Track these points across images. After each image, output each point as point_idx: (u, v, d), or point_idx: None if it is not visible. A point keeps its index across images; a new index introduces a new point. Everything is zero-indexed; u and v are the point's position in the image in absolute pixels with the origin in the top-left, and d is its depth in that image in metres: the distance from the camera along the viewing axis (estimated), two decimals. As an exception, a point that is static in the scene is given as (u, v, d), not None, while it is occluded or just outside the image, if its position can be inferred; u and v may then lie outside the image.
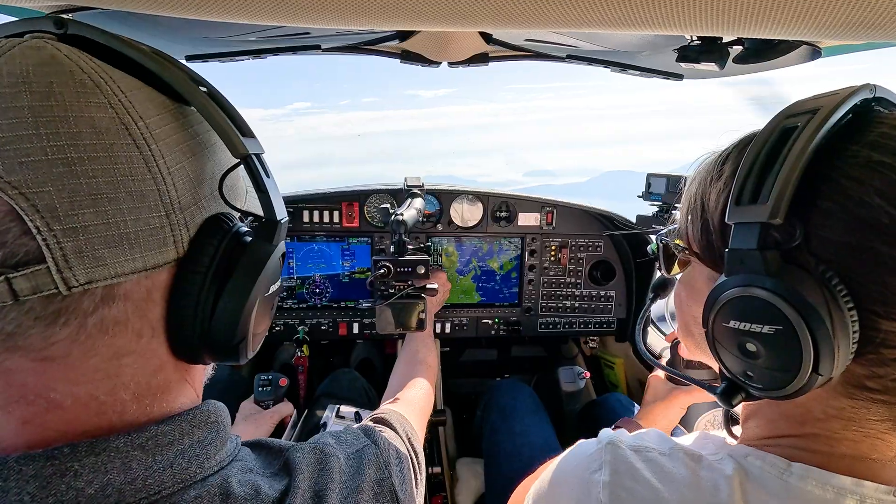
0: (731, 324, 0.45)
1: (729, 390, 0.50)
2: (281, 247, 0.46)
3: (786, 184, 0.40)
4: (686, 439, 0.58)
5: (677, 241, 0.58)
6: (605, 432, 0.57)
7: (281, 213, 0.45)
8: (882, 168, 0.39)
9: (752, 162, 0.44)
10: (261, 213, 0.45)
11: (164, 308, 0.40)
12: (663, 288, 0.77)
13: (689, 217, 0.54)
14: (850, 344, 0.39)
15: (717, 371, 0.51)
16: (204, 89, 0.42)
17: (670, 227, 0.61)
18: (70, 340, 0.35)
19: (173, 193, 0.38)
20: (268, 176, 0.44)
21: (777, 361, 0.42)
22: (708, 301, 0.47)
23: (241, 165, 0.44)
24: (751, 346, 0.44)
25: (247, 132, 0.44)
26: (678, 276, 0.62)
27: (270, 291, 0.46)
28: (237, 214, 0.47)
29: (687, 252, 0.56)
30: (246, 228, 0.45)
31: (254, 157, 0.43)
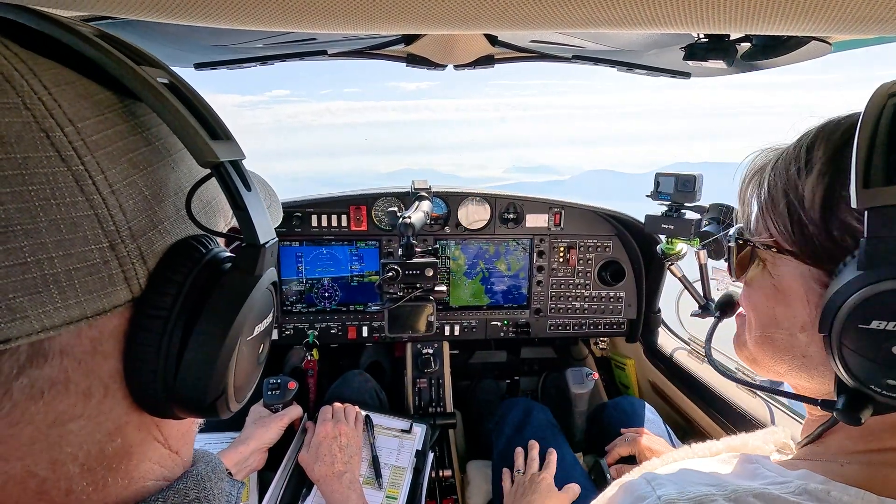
0: (874, 325, 0.39)
1: (854, 404, 0.43)
2: (268, 276, 0.38)
3: None
4: (729, 471, 0.52)
5: (759, 241, 0.52)
6: (641, 488, 0.51)
7: (266, 234, 0.37)
8: None
9: (871, 139, 0.39)
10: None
11: (120, 360, 0.32)
12: (730, 306, 0.69)
13: (771, 215, 0.50)
14: None
15: (834, 383, 0.45)
16: (164, 80, 0.33)
17: (738, 227, 0.56)
18: None
19: (119, 218, 0.30)
20: (248, 188, 0.36)
21: None
22: (833, 301, 0.42)
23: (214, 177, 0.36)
24: None
25: (219, 133, 0.35)
26: (745, 282, 0.57)
27: (256, 333, 0.38)
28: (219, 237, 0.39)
29: (774, 250, 0.50)
30: (227, 254, 0.38)
31: (228, 165, 0.34)
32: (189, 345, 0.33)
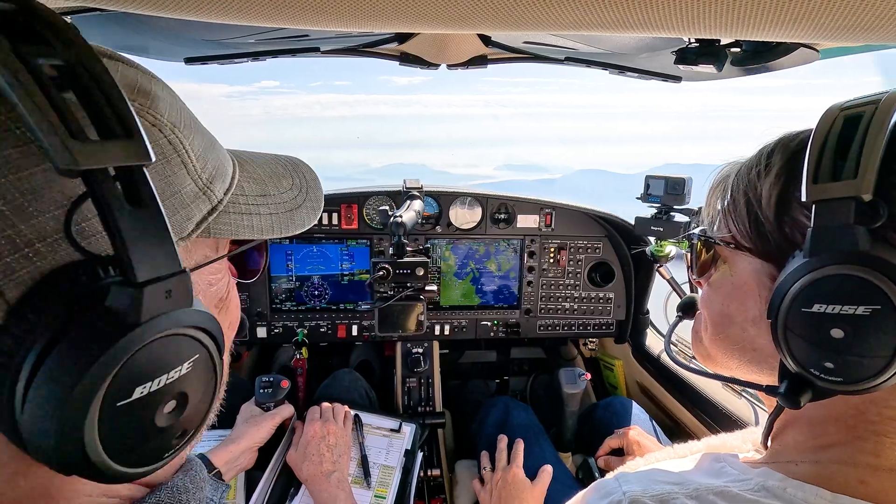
0: (815, 308, 0.42)
1: (795, 388, 0.45)
2: (170, 322, 0.30)
3: (874, 159, 0.39)
4: (696, 470, 0.55)
5: (719, 237, 0.56)
6: (610, 485, 0.53)
7: (155, 268, 0.29)
8: None
9: (822, 144, 0.43)
10: (268, 236, 0.36)
11: None
12: (692, 308, 0.72)
13: (732, 215, 0.54)
14: None
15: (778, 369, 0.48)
16: (55, 62, 0.27)
17: (701, 228, 0.59)
18: None
19: None
20: (137, 203, 0.28)
21: (867, 347, 0.40)
22: (780, 287, 0.45)
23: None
24: (836, 332, 0.41)
25: (116, 131, 0.28)
26: (708, 280, 0.59)
27: (139, 395, 0.29)
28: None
29: (733, 247, 0.54)
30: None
31: (102, 173, 0.27)
32: (28, 399, 0.27)
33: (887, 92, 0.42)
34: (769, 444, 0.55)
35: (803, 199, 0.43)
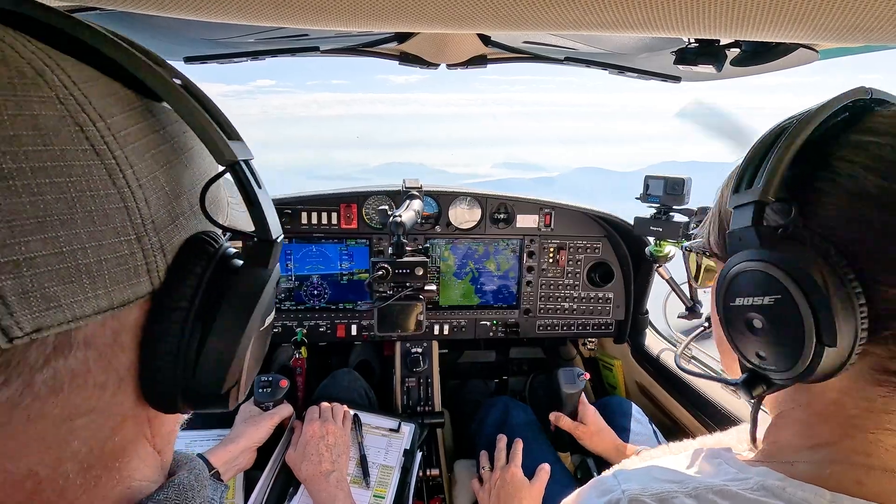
0: (737, 301, 0.47)
1: (750, 379, 0.49)
2: (276, 272, 0.40)
3: (776, 165, 0.43)
4: (693, 467, 0.55)
5: (696, 247, 0.62)
6: (609, 481, 0.53)
7: (276, 230, 0.38)
8: (868, 146, 0.42)
9: (751, 157, 0.48)
10: (247, 228, 0.39)
11: (136, 353, 0.33)
12: None
13: (710, 225, 0.59)
14: (855, 313, 0.40)
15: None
16: (179, 81, 0.35)
17: (696, 241, 0.64)
18: (10, 405, 0.27)
19: (145, 211, 0.31)
20: (259, 186, 0.38)
21: (781, 335, 0.43)
22: (717, 285, 0.50)
23: (226, 175, 0.37)
24: (757, 322, 0.45)
25: (233, 134, 0.37)
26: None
27: (266, 324, 0.39)
28: (223, 232, 0.40)
29: (707, 255, 0.60)
30: (234, 250, 0.39)
31: (242, 164, 0.36)
32: (210, 337, 0.34)
33: (818, 105, 0.45)
34: (759, 442, 0.56)
35: (727, 206, 0.49)
